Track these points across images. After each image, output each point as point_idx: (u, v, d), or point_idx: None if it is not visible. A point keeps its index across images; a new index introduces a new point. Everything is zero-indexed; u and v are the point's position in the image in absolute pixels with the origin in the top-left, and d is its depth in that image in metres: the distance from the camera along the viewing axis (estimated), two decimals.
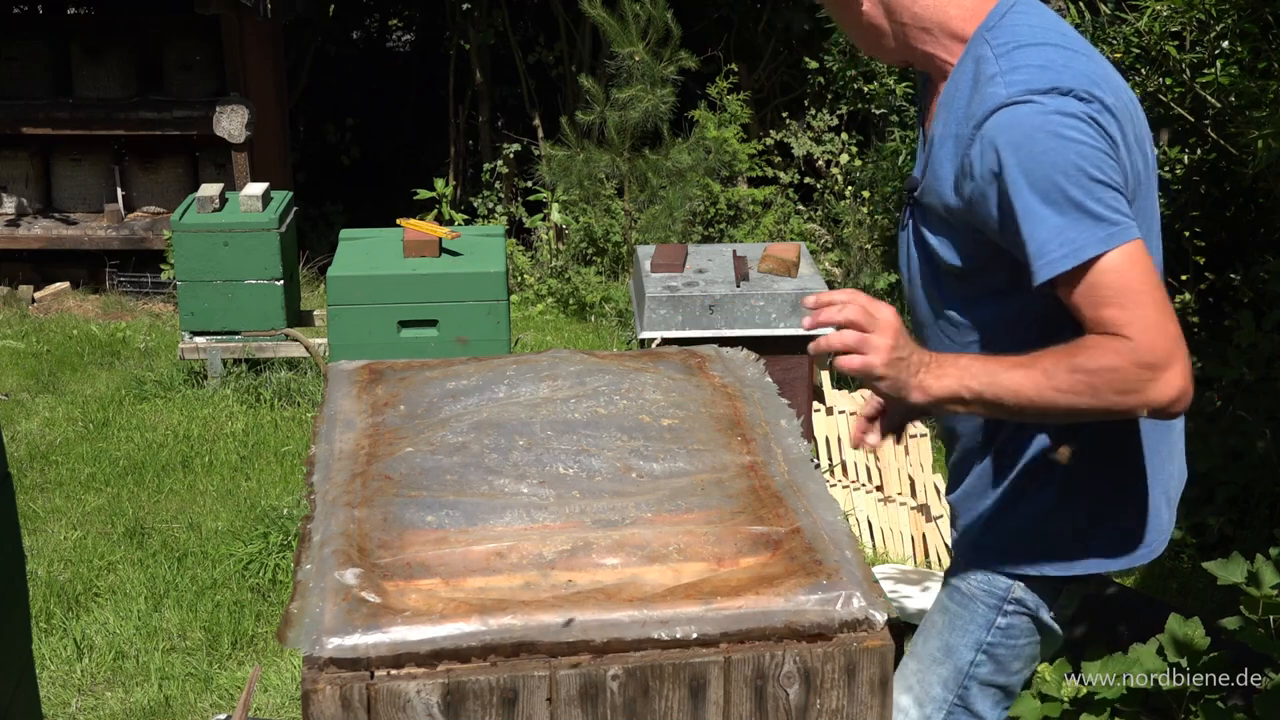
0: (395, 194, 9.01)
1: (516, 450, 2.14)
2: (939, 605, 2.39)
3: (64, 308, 7.58)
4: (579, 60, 8.75)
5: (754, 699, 1.74)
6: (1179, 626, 2.73)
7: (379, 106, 9.83)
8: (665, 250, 5.18)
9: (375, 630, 1.69)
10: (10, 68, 7.71)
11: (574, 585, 1.81)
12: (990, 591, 2.29)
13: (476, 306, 4.97)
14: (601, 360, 2.49)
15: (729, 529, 1.93)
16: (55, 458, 5.53)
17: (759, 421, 2.27)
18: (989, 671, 2.33)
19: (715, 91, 8.06)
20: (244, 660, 4.12)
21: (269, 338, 6.17)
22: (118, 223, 7.75)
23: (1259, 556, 2.77)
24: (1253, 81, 4.23)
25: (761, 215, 7.98)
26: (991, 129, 2.00)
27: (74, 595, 4.44)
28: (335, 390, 2.44)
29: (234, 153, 7.43)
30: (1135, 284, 1.95)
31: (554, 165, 7.64)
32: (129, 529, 4.90)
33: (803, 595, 1.76)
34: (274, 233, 6.07)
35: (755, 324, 4.81)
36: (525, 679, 1.69)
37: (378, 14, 10.48)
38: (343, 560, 1.82)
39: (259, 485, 5.26)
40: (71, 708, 3.89)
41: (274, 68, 8.00)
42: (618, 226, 7.73)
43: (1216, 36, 4.45)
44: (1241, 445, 4.57)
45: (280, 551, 4.57)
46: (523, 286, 7.81)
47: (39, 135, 7.69)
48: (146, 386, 6.23)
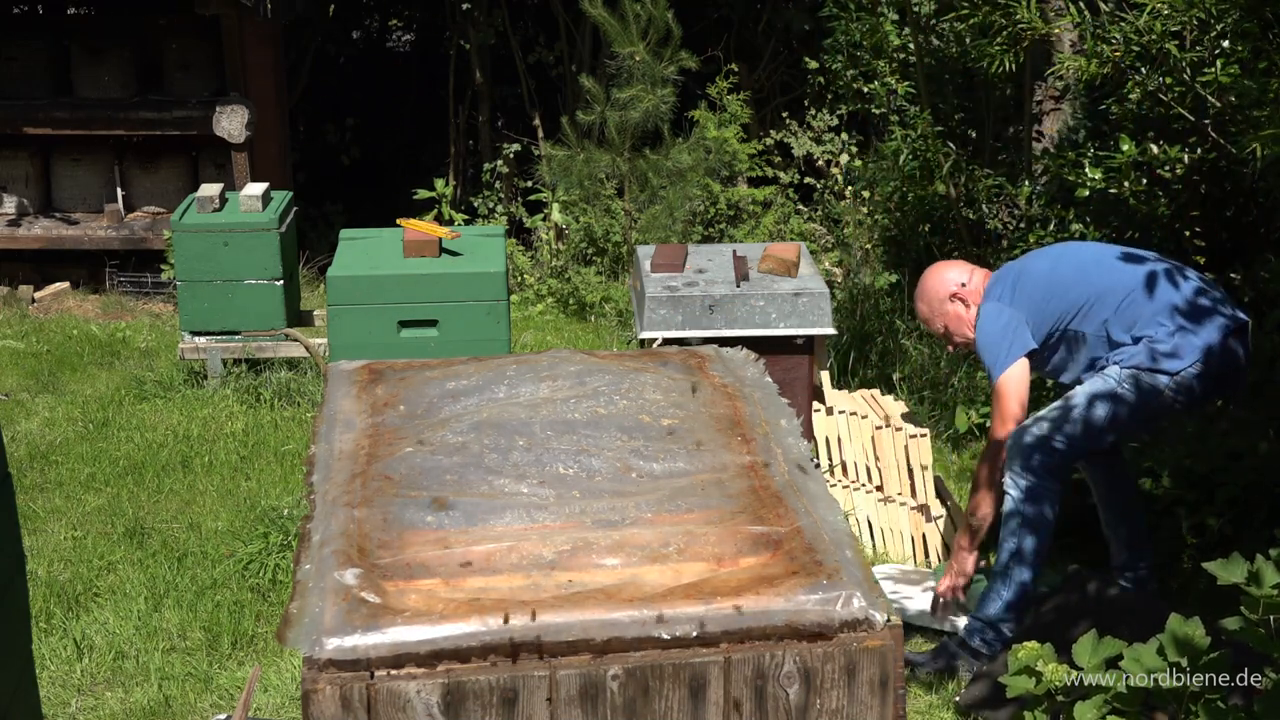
0: (395, 194, 9.00)
1: (516, 450, 2.14)
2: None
3: (64, 308, 7.58)
4: (579, 60, 8.75)
5: (754, 699, 1.74)
6: (1179, 626, 2.73)
7: (379, 106, 9.83)
8: (665, 250, 5.18)
9: (375, 630, 1.69)
10: (10, 68, 7.71)
11: (574, 585, 1.81)
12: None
13: (476, 306, 4.97)
14: (601, 360, 2.49)
15: (729, 529, 1.93)
16: (55, 458, 5.53)
17: (759, 421, 2.27)
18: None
19: (715, 91, 8.06)
20: (244, 660, 4.11)
21: (269, 338, 6.17)
22: (118, 223, 7.75)
23: (1259, 556, 2.77)
24: (1253, 81, 4.22)
25: (761, 215, 7.97)
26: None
27: (74, 595, 4.44)
28: (335, 390, 2.44)
29: (234, 153, 7.43)
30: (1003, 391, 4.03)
31: (554, 165, 7.63)
32: (129, 529, 4.90)
33: (803, 595, 1.76)
34: (274, 233, 6.07)
35: (755, 324, 4.81)
36: (525, 679, 1.69)
37: (378, 14, 10.47)
38: (343, 560, 1.82)
39: (259, 485, 5.26)
40: (71, 708, 3.89)
41: (274, 68, 8.00)
42: (618, 226, 7.73)
43: (1217, 35, 4.45)
44: (1242, 445, 4.57)
45: (280, 551, 4.57)
46: (523, 286, 7.81)
47: (39, 135, 7.69)
48: (146, 386, 6.23)
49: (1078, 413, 3.88)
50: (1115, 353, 3.91)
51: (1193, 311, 3.87)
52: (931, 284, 4.26)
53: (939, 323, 4.25)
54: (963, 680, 3.91)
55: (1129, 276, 3.96)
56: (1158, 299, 3.91)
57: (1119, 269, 4.00)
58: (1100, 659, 2.79)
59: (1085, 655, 2.81)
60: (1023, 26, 4.80)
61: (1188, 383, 3.84)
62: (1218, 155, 5.00)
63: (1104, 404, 3.86)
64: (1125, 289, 3.93)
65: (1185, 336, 3.85)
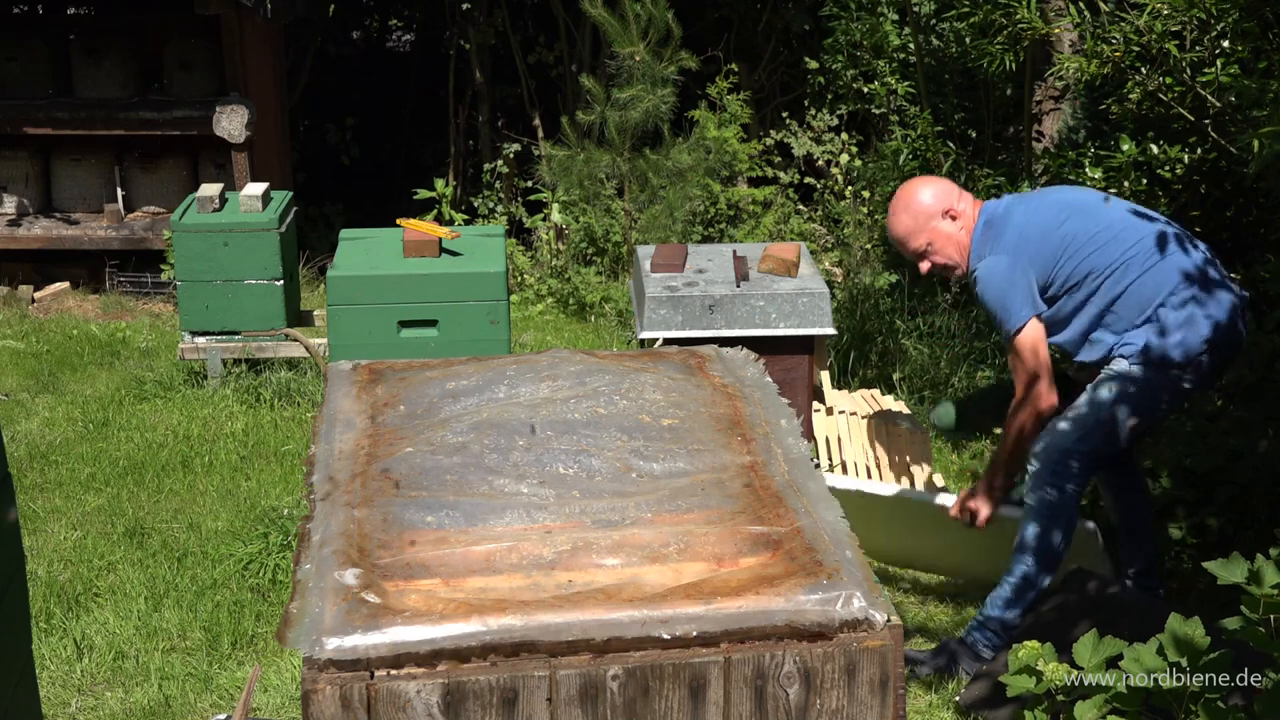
0: (395, 194, 9.01)
1: (516, 450, 2.14)
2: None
3: (64, 308, 7.58)
4: (579, 60, 8.75)
5: (754, 699, 1.74)
6: (1179, 626, 2.72)
7: (379, 106, 9.83)
8: (665, 250, 5.18)
9: (375, 631, 1.69)
10: (10, 68, 7.71)
11: (574, 585, 1.81)
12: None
13: (476, 306, 4.97)
14: (601, 360, 2.49)
15: (729, 529, 1.93)
16: (55, 458, 5.53)
17: (759, 421, 2.27)
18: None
19: (715, 91, 8.06)
20: (244, 660, 4.12)
21: (269, 338, 6.17)
22: (118, 223, 7.75)
23: (1259, 556, 2.77)
24: (1253, 81, 4.22)
25: (761, 215, 7.98)
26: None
27: (74, 595, 4.44)
28: (335, 390, 2.44)
29: (234, 153, 7.43)
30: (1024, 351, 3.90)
31: (554, 165, 7.63)
32: (129, 529, 4.90)
33: (803, 595, 1.76)
34: (274, 233, 6.07)
35: (755, 324, 4.81)
36: (525, 679, 1.69)
37: (378, 14, 10.48)
38: (343, 560, 1.82)
39: (259, 485, 5.26)
40: (71, 708, 3.89)
41: (274, 68, 8.00)
42: (618, 226, 7.74)
43: (1217, 35, 4.44)
44: (1242, 445, 4.57)
45: (280, 551, 4.57)
46: (523, 286, 7.81)
47: (39, 135, 7.69)
48: (146, 386, 6.23)
49: (1098, 416, 3.83)
50: (1122, 343, 3.83)
51: (1203, 285, 3.79)
52: (921, 197, 4.01)
53: (922, 239, 3.99)
54: (963, 680, 3.91)
55: (1140, 244, 3.84)
56: (1166, 272, 3.80)
57: (1130, 234, 3.86)
58: (1100, 659, 2.79)
59: (1085, 655, 2.81)
60: (1023, 26, 4.80)
61: (1195, 361, 3.77)
62: (1218, 155, 5.00)
63: (1122, 406, 3.81)
64: (1135, 260, 3.82)
65: (1194, 314, 3.76)
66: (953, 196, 4.01)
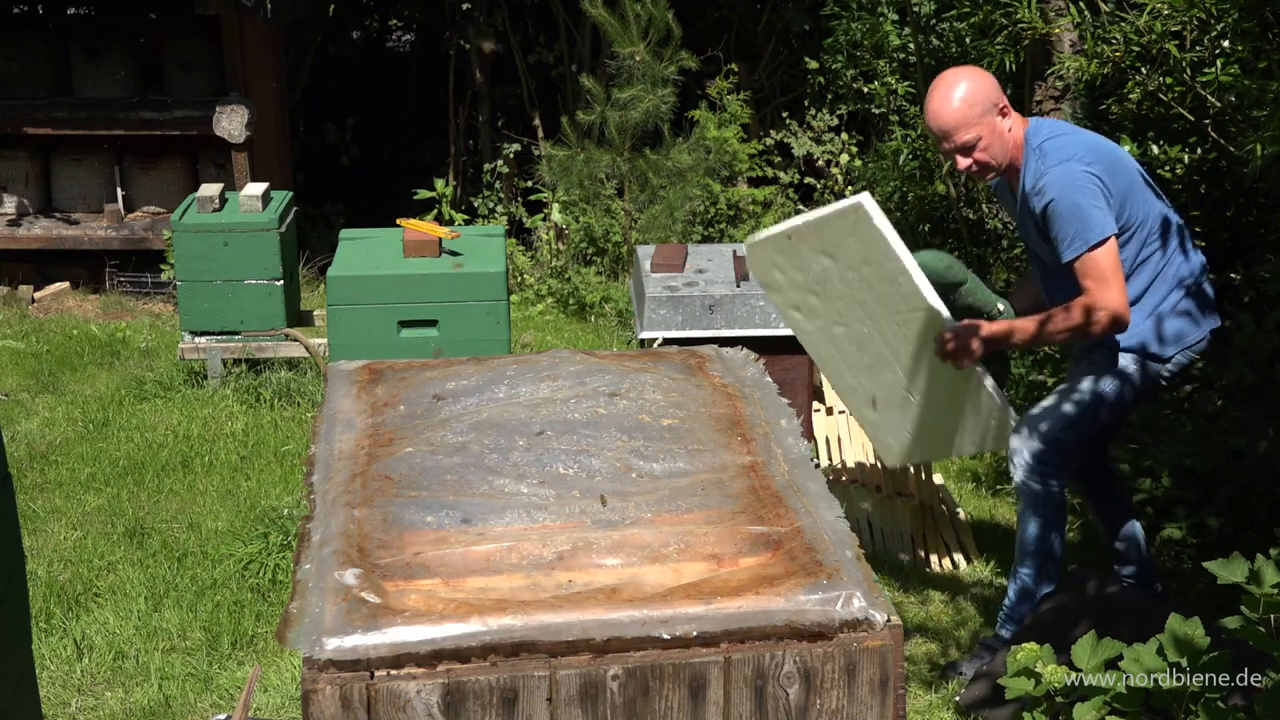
0: (395, 194, 9.00)
1: (516, 450, 2.14)
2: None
3: (64, 308, 7.58)
4: (579, 60, 8.75)
5: (754, 699, 1.74)
6: (1179, 626, 2.73)
7: (379, 106, 9.83)
8: (665, 250, 5.18)
9: (375, 631, 1.69)
10: (10, 68, 7.71)
11: (574, 585, 1.81)
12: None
13: (476, 306, 4.97)
14: (601, 360, 2.49)
15: (729, 529, 1.93)
16: (55, 458, 5.53)
17: (759, 421, 2.27)
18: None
19: (715, 91, 8.06)
20: (244, 660, 4.12)
21: (269, 338, 6.17)
22: (118, 223, 7.75)
23: (1259, 556, 2.77)
24: (1253, 81, 4.22)
25: (761, 215, 7.98)
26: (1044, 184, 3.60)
27: (74, 595, 4.44)
28: (335, 390, 2.44)
29: (234, 153, 7.43)
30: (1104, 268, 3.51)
31: (554, 165, 7.64)
32: (129, 529, 4.90)
33: (803, 595, 1.76)
34: (274, 233, 6.07)
35: (755, 324, 4.81)
36: (525, 679, 1.69)
37: (378, 14, 10.48)
38: (343, 560, 1.82)
39: (259, 485, 5.26)
40: (71, 708, 3.89)
41: (274, 68, 8.00)
42: (618, 226, 7.74)
43: (1217, 35, 4.44)
44: (1242, 445, 4.57)
45: (280, 551, 4.57)
46: (523, 286, 7.81)
47: (39, 135, 7.69)
48: (146, 386, 6.23)
49: (1088, 406, 3.72)
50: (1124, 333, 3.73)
51: (1199, 293, 3.77)
52: (976, 85, 3.62)
53: (973, 132, 3.60)
54: (963, 680, 3.91)
55: (1178, 227, 3.73)
56: (1188, 266, 3.73)
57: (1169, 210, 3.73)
58: (1100, 659, 2.79)
59: (1085, 656, 2.81)
60: (1023, 26, 4.80)
61: (1182, 361, 3.74)
62: (1218, 155, 5.00)
63: (1108, 403, 3.75)
64: (1173, 235, 3.69)
65: (1192, 313, 3.71)
66: (1001, 92, 3.66)
